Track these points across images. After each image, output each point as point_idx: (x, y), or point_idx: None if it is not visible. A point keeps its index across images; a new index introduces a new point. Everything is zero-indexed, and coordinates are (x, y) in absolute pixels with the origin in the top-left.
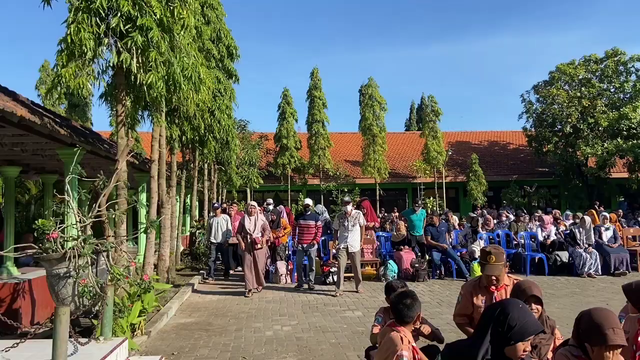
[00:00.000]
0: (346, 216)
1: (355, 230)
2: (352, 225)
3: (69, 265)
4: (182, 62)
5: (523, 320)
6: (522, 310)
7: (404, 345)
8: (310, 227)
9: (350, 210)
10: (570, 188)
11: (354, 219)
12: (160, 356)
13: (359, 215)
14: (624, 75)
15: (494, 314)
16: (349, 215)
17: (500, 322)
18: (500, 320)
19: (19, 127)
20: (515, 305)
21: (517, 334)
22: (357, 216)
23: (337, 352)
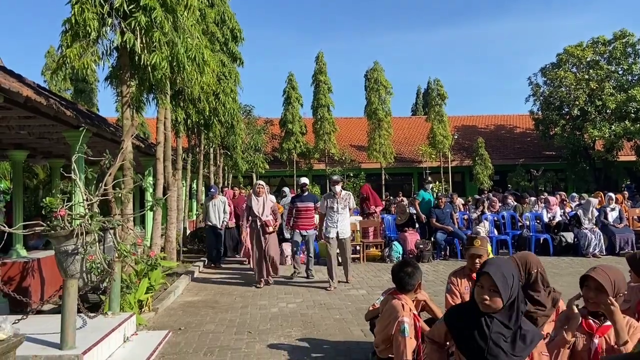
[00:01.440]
0: (335, 197)
1: (346, 213)
2: (342, 207)
3: (76, 242)
4: (185, 43)
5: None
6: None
7: (405, 312)
8: (309, 210)
9: (340, 190)
10: (577, 171)
11: (345, 201)
12: (167, 331)
13: (349, 197)
14: (632, 57)
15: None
16: (339, 197)
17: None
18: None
19: (25, 109)
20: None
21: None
22: (347, 197)
23: (341, 327)
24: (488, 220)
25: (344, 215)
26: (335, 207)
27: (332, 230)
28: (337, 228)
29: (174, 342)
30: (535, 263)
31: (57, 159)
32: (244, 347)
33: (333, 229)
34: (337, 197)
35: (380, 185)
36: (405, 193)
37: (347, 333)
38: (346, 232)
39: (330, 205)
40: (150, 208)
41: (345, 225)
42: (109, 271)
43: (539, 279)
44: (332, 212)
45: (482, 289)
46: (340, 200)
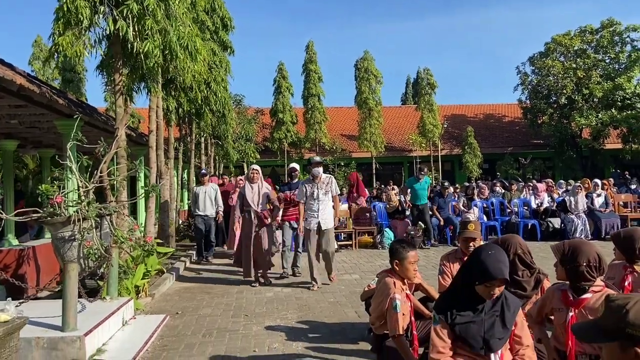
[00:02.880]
0: (316, 182)
1: (328, 200)
2: (323, 193)
3: (73, 229)
4: (177, 30)
5: (486, 263)
6: (489, 256)
7: (397, 289)
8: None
9: (321, 174)
10: (565, 159)
11: (326, 186)
12: (165, 315)
13: (331, 181)
14: (619, 45)
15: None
16: (319, 181)
17: (470, 262)
18: (471, 259)
19: (18, 97)
20: (485, 249)
21: (477, 275)
22: (328, 182)
23: (336, 309)
24: (477, 206)
25: (325, 203)
26: (316, 193)
27: (312, 220)
28: (318, 218)
29: (172, 326)
30: (515, 245)
31: (47, 149)
32: (241, 329)
33: (313, 218)
34: (317, 182)
35: (371, 175)
36: (395, 182)
37: (341, 315)
38: (329, 222)
39: (310, 192)
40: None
41: (328, 214)
42: (106, 257)
43: (516, 260)
44: (312, 200)
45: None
46: (321, 185)
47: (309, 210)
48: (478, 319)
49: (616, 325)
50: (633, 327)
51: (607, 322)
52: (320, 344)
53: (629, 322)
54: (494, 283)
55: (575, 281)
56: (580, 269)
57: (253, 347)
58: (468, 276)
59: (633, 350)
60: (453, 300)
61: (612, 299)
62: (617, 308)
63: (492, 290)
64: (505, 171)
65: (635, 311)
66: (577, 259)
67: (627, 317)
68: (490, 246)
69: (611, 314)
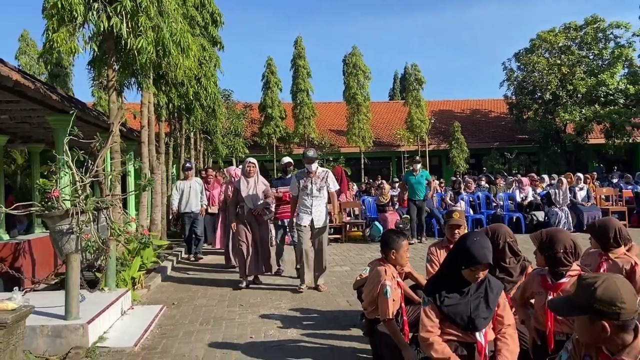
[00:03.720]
0: (310, 177)
1: (322, 197)
2: (317, 189)
3: (71, 222)
4: (170, 27)
5: (471, 250)
6: (474, 242)
7: (388, 276)
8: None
9: (316, 169)
10: (549, 154)
11: (321, 181)
12: (161, 305)
13: (327, 176)
14: (603, 42)
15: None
16: (314, 176)
17: (456, 248)
18: (457, 246)
19: (12, 92)
20: (470, 237)
21: (463, 260)
22: (324, 176)
23: (328, 299)
24: (464, 200)
25: (320, 200)
26: (309, 188)
27: (304, 217)
28: (312, 215)
29: (170, 315)
30: (505, 234)
31: (36, 144)
32: (237, 318)
33: (306, 215)
34: (312, 176)
35: (359, 169)
36: (383, 177)
37: (333, 304)
38: (322, 219)
39: (303, 186)
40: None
41: (321, 212)
42: (104, 249)
43: (506, 248)
44: (305, 196)
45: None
46: (316, 179)
47: (302, 206)
48: (464, 300)
49: (586, 301)
50: (600, 302)
51: (579, 298)
52: (314, 330)
53: (597, 298)
54: (479, 267)
55: (553, 267)
56: (558, 256)
57: (250, 334)
58: (454, 262)
59: (600, 322)
60: (441, 284)
61: (583, 278)
62: (587, 286)
63: (477, 274)
64: (491, 166)
65: (603, 289)
66: (554, 247)
67: (596, 294)
68: (475, 234)
69: (582, 292)
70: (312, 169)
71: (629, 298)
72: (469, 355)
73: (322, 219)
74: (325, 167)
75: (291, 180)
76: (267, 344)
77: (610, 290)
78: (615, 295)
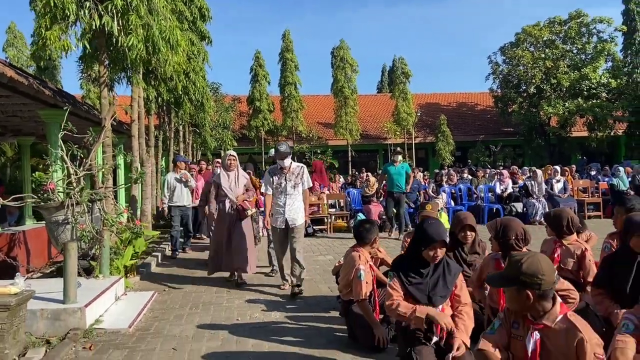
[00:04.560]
0: (283, 173)
1: (297, 194)
2: (292, 186)
3: (66, 213)
4: (159, 25)
5: (428, 231)
6: (429, 224)
7: (362, 261)
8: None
9: (289, 165)
10: (533, 147)
11: (296, 177)
12: (153, 292)
13: (302, 172)
14: (586, 36)
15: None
16: (288, 172)
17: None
18: (417, 230)
19: (6, 88)
20: (426, 221)
21: (420, 240)
22: (299, 173)
23: (311, 285)
24: (445, 192)
25: (294, 197)
26: (283, 185)
27: (278, 217)
28: (285, 214)
29: (161, 301)
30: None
31: (26, 137)
32: (225, 303)
33: (279, 215)
34: (286, 172)
35: (346, 162)
36: (370, 169)
37: (315, 290)
38: (298, 218)
39: (277, 183)
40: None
41: (297, 210)
42: (98, 239)
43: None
44: (279, 194)
45: (435, 250)
46: (290, 176)
47: (275, 205)
48: (424, 281)
49: (514, 274)
50: (525, 275)
51: (508, 272)
52: (296, 313)
53: (522, 271)
54: (435, 246)
55: (506, 251)
56: (510, 242)
57: (236, 317)
58: (415, 245)
59: (525, 292)
60: (405, 264)
61: (512, 255)
62: (515, 262)
63: (435, 253)
64: (476, 158)
65: (527, 264)
66: (507, 234)
67: (522, 268)
68: (430, 218)
69: (510, 266)
70: (285, 165)
71: (548, 272)
72: (429, 328)
73: (298, 218)
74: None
75: (263, 177)
76: (252, 325)
77: (533, 265)
78: (537, 269)
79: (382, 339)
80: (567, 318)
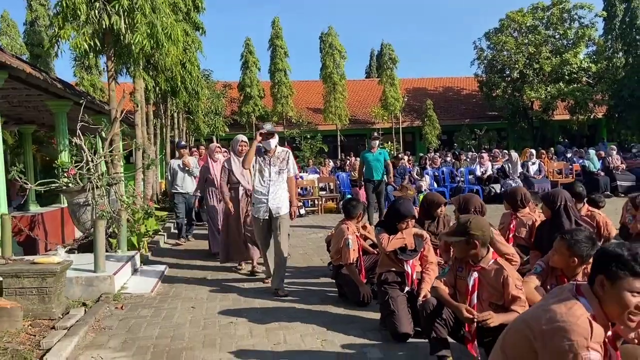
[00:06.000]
0: (267, 157)
1: (281, 181)
2: (276, 172)
3: (87, 196)
4: (162, 22)
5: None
6: (401, 204)
7: (349, 232)
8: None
9: (275, 147)
10: (517, 130)
11: (280, 162)
12: (165, 265)
13: (287, 157)
14: (568, 22)
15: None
16: (272, 155)
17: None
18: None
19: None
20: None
21: (394, 216)
22: (285, 158)
23: (305, 258)
24: (429, 174)
25: (278, 185)
26: (267, 172)
27: (260, 207)
28: (268, 203)
29: (173, 273)
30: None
31: (28, 125)
32: (230, 274)
33: (262, 205)
34: (270, 156)
35: (336, 147)
36: (358, 154)
37: (309, 262)
38: (282, 207)
39: (259, 169)
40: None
41: (280, 199)
42: (117, 218)
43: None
44: (262, 180)
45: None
46: (275, 161)
47: (256, 193)
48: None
49: (463, 230)
50: (472, 229)
51: (458, 229)
52: (292, 279)
53: (470, 228)
54: (407, 219)
55: None
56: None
57: (242, 284)
58: (391, 219)
59: (473, 242)
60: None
61: (460, 217)
62: (463, 222)
63: (406, 225)
64: (462, 142)
65: (474, 223)
66: (467, 207)
67: (469, 226)
68: (401, 198)
69: (460, 226)
70: (271, 147)
71: (486, 228)
72: (401, 280)
73: (283, 207)
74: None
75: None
76: (256, 289)
77: (477, 223)
78: (479, 226)
79: (366, 296)
80: (497, 261)
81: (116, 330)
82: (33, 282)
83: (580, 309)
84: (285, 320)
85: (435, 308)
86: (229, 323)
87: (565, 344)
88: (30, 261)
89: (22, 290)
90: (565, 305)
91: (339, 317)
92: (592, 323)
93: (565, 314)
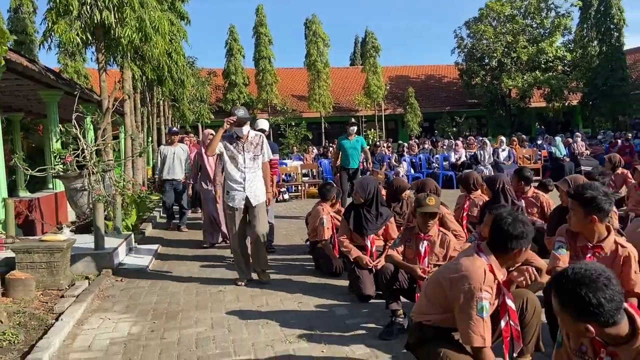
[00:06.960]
0: (240, 143)
1: (257, 167)
2: (250, 159)
3: (84, 181)
4: (149, 16)
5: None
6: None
7: (324, 213)
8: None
9: (247, 133)
10: (495, 117)
11: (255, 148)
12: (157, 245)
13: (262, 142)
14: (545, 12)
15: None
16: (245, 141)
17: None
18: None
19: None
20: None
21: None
22: (259, 143)
23: (287, 238)
24: (406, 161)
25: (254, 172)
26: (241, 158)
27: (236, 195)
28: (245, 191)
29: (165, 251)
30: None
31: (16, 113)
32: (217, 252)
33: (238, 192)
34: (243, 141)
35: (320, 134)
36: None
37: (291, 241)
38: (260, 195)
39: (232, 155)
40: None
41: (257, 186)
42: (112, 202)
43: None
44: (235, 167)
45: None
46: (248, 147)
47: (231, 181)
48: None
49: (417, 203)
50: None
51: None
52: (274, 256)
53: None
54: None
55: None
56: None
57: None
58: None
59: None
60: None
61: (417, 196)
62: (418, 198)
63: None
64: (442, 129)
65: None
66: (424, 189)
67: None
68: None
69: (416, 200)
70: (243, 133)
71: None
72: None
73: (260, 195)
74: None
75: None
76: None
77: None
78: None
79: (338, 267)
80: (440, 230)
81: (119, 298)
82: (42, 257)
83: (479, 261)
84: (267, 288)
85: (392, 273)
86: (218, 291)
87: (466, 286)
88: (38, 239)
89: (32, 264)
90: (468, 259)
91: (314, 285)
92: (486, 272)
93: (467, 265)
